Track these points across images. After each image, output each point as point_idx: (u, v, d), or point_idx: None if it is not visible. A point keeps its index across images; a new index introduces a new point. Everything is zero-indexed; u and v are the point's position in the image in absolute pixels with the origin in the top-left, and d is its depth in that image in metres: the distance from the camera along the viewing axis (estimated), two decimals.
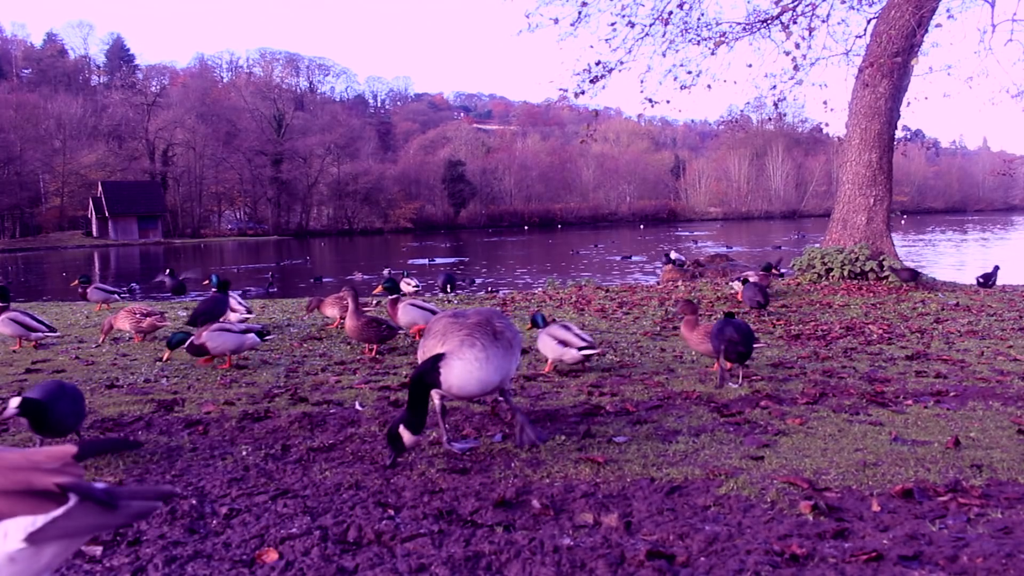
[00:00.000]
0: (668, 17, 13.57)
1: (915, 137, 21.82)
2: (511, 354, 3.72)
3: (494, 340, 3.60)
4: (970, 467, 3.43)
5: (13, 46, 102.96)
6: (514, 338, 3.78)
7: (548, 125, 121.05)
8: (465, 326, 3.64)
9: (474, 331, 3.61)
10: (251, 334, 6.06)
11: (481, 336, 3.59)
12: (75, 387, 3.81)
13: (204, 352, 5.93)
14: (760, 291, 9.32)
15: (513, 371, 3.80)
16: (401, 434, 3.39)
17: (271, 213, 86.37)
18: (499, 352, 3.59)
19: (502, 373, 3.64)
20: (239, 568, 2.55)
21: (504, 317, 3.90)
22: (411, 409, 3.41)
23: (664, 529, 2.80)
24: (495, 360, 3.56)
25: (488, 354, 3.54)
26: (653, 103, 14.18)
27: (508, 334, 3.73)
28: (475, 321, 3.68)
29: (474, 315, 3.77)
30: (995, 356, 6.31)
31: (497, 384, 3.66)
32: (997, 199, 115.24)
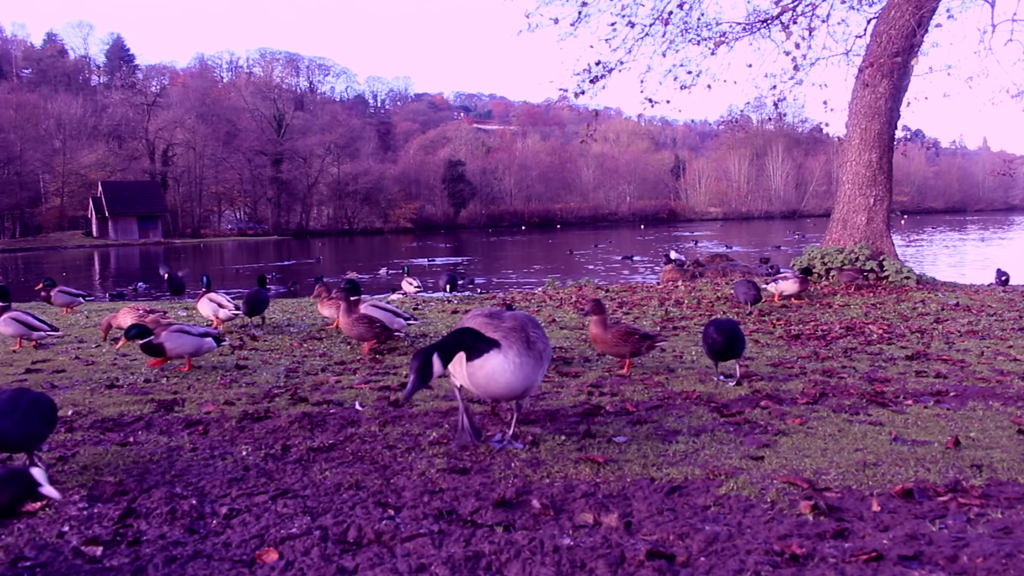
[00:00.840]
0: (668, 17, 13.57)
1: (915, 137, 21.83)
2: (540, 365, 3.62)
3: (527, 348, 3.53)
4: (970, 467, 3.43)
5: (13, 46, 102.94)
6: (545, 350, 3.68)
7: (548, 125, 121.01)
8: (500, 328, 3.57)
9: (508, 335, 3.53)
10: (208, 338, 5.95)
11: (516, 341, 3.51)
12: (37, 399, 3.38)
13: (160, 352, 5.77)
14: (753, 288, 9.50)
15: (539, 383, 3.71)
16: (433, 361, 3.24)
17: (271, 213, 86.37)
18: (530, 361, 3.52)
19: (528, 383, 3.57)
20: (239, 568, 2.55)
21: (539, 326, 3.78)
22: (447, 343, 3.31)
23: (664, 529, 2.80)
24: (526, 369, 3.49)
25: (522, 361, 3.48)
26: (653, 103, 14.18)
27: (540, 345, 3.63)
28: (510, 325, 3.60)
29: (510, 319, 3.68)
30: (995, 356, 6.31)
31: (520, 392, 3.59)
32: (997, 199, 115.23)
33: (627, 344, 5.64)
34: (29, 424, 3.25)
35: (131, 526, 2.89)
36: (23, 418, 3.23)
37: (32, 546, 2.72)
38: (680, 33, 13.85)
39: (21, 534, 2.82)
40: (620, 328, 5.69)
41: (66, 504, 3.12)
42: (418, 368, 3.24)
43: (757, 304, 9.55)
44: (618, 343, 5.64)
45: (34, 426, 3.28)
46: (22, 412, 3.24)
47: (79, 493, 3.23)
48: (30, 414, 3.28)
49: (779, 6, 13.54)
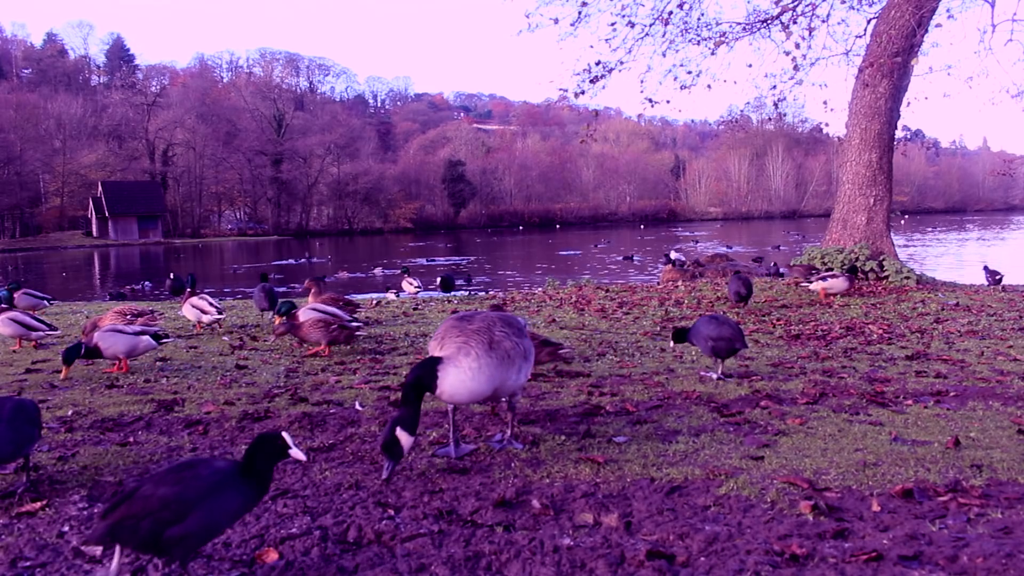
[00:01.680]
0: (668, 17, 13.57)
1: (915, 137, 21.85)
2: (508, 365, 3.55)
3: (489, 350, 3.48)
4: (970, 467, 3.43)
5: (13, 46, 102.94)
6: (514, 348, 3.60)
7: (548, 125, 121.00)
8: (465, 332, 3.55)
9: (471, 338, 3.51)
10: (146, 336, 5.85)
11: (477, 344, 3.48)
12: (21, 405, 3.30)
13: (99, 354, 5.71)
14: (744, 284, 9.59)
15: (515, 381, 3.64)
16: (399, 437, 3.20)
17: (271, 213, 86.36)
18: (492, 362, 3.47)
19: (495, 383, 3.51)
20: (239, 568, 2.55)
21: (511, 324, 3.72)
22: (406, 410, 3.27)
23: (664, 529, 2.80)
24: (488, 370, 3.45)
25: (480, 364, 3.43)
26: (653, 103, 14.19)
27: (508, 343, 3.57)
28: (475, 327, 3.57)
29: (479, 320, 3.65)
30: (995, 356, 6.31)
31: (489, 394, 3.55)
32: (997, 199, 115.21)
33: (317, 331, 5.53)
34: (19, 432, 3.18)
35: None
36: (11, 427, 3.16)
37: (32, 546, 2.72)
38: (680, 33, 13.87)
39: (21, 534, 2.82)
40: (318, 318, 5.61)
41: (66, 504, 3.12)
42: (386, 450, 3.22)
43: (746, 301, 9.66)
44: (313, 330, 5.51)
45: (24, 432, 3.22)
46: (7, 421, 3.16)
47: (79, 493, 3.23)
48: (17, 422, 3.20)
49: (779, 6, 13.54)
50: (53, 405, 4.84)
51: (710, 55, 13.95)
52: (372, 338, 7.80)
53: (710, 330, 5.38)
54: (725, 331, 5.35)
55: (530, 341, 3.83)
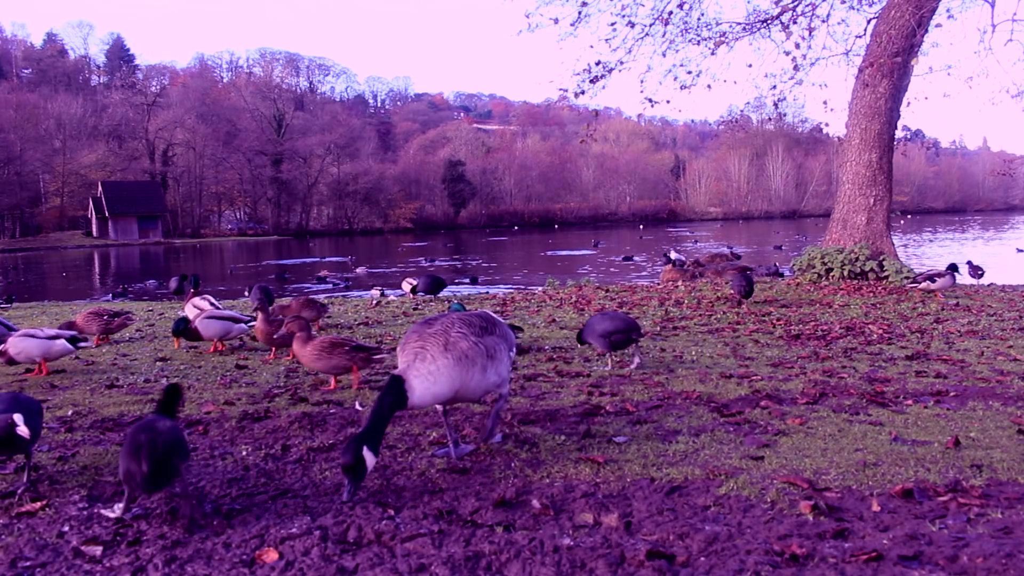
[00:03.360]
0: (668, 17, 13.57)
1: (915, 137, 21.87)
2: (468, 365, 3.48)
3: (444, 351, 3.43)
4: (970, 467, 3.43)
5: (13, 46, 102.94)
6: (472, 348, 3.51)
7: (548, 125, 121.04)
8: (423, 336, 3.51)
9: (427, 341, 3.47)
10: (60, 340, 5.83)
11: (432, 347, 3.44)
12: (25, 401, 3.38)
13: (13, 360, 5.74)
14: (747, 280, 9.87)
15: (481, 381, 3.55)
16: (365, 457, 3.05)
17: (271, 213, 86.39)
18: (449, 363, 3.41)
19: (455, 385, 3.45)
20: (239, 568, 2.55)
21: (470, 324, 3.63)
22: (373, 430, 3.13)
23: (664, 529, 2.80)
24: (446, 372, 3.40)
25: (438, 366, 3.40)
26: (653, 103, 14.19)
27: (464, 344, 3.49)
28: (432, 331, 3.53)
29: (438, 323, 3.60)
30: (995, 356, 6.31)
31: (450, 396, 3.48)
32: (997, 199, 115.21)
33: (332, 357, 5.19)
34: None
35: (131, 526, 2.89)
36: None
37: (32, 546, 2.72)
38: (680, 33, 13.87)
39: (21, 534, 2.82)
40: (324, 340, 5.25)
41: (66, 504, 3.12)
42: (351, 468, 3.03)
43: (750, 297, 9.92)
44: (319, 357, 5.20)
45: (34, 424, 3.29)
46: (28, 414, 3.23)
47: (79, 493, 3.23)
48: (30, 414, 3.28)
49: (779, 6, 13.54)
50: (53, 405, 4.84)
51: (710, 55, 13.96)
52: (372, 338, 7.80)
53: (604, 326, 5.76)
54: (618, 324, 5.74)
55: (497, 339, 3.72)
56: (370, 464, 3.08)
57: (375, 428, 3.15)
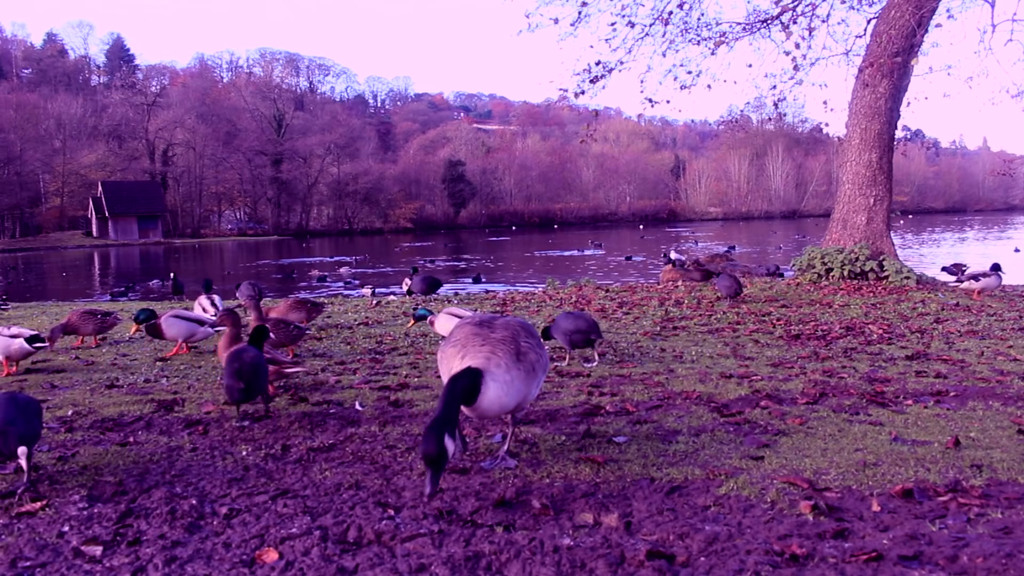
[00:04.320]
0: (668, 17, 13.58)
1: (915, 137, 21.88)
2: (533, 377, 3.37)
3: (517, 361, 3.26)
4: (970, 467, 3.43)
5: (13, 46, 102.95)
6: (538, 360, 3.41)
7: (548, 125, 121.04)
8: (489, 340, 3.31)
9: (497, 348, 3.27)
10: (18, 340, 5.84)
11: (504, 355, 3.25)
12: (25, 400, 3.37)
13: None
14: (735, 281, 10.21)
15: (533, 396, 3.47)
16: (446, 445, 2.81)
17: (271, 213, 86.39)
18: (521, 375, 3.27)
19: (520, 398, 3.31)
20: (239, 568, 2.55)
21: (533, 335, 3.51)
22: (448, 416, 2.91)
23: (664, 529, 2.80)
24: (517, 383, 3.24)
25: (512, 376, 3.22)
26: (653, 103, 14.20)
27: (532, 356, 3.37)
28: (500, 336, 3.34)
29: (501, 328, 3.41)
30: (995, 356, 6.31)
31: (512, 408, 3.37)
32: (997, 199, 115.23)
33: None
34: (29, 424, 3.27)
35: (131, 526, 2.89)
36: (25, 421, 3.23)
37: (32, 546, 2.72)
38: (680, 33, 13.87)
39: (21, 534, 2.82)
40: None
41: (66, 504, 3.12)
42: (434, 458, 2.80)
43: (736, 297, 10.21)
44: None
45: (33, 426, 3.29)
46: (9, 419, 3.19)
47: (79, 493, 3.23)
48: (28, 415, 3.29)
49: (779, 6, 13.55)
50: (53, 405, 4.84)
51: (710, 55, 13.97)
52: (372, 338, 7.80)
53: (567, 324, 5.94)
54: (581, 324, 5.91)
55: (546, 351, 3.62)
56: (451, 452, 2.84)
57: (450, 414, 2.92)
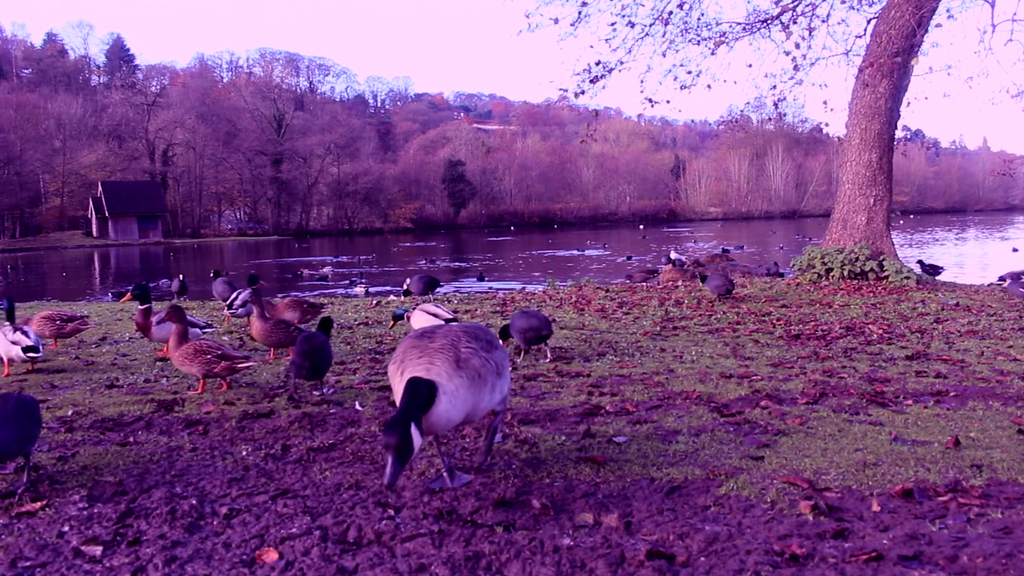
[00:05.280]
0: (668, 17, 13.59)
1: (915, 137, 21.88)
2: (479, 385, 3.13)
3: (457, 369, 3.06)
4: (970, 467, 3.43)
5: (13, 46, 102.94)
6: (484, 364, 3.16)
7: (548, 125, 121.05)
8: (426, 351, 3.12)
9: (435, 357, 3.08)
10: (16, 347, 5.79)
11: (443, 363, 3.05)
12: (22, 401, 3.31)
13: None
14: (725, 280, 10.44)
15: (488, 402, 3.23)
16: (412, 436, 2.72)
17: (271, 213, 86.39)
18: (464, 383, 3.04)
19: (467, 408, 3.09)
20: (239, 568, 2.55)
21: (477, 338, 3.28)
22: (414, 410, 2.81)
23: (664, 529, 2.80)
24: (462, 392, 3.04)
25: (455, 386, 3.02)
26: (653, 103, 14.21)
27: (475, 360, 3.13)
28: (438, 345, 3.14)
29: (440, 337, 3.22)
30: (995, 356, 6.31)
31: (461, 421, 3.13)
32: (997, 199, 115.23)
33: (195, 363, 5.06)
34: (22, 430, 3.21)
35: (131, 526, 2.89)
36: (16, 426, 3.18)
37: (32, 546, 2.72)
38: (680, 33, 13.89)
39: (21, 534, 2.82)
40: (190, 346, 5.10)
41: (66, 504, 3.12)
42: (398, 447, 2.67)
43: (727, 297, 10.41)
44: (184, 361, 5.07)
45: (27, 431, 3.24)
46: (12, 421, 3.17)
47: (79, 493, 3.23)
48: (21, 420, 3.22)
49: (779, 6, 13.55)
50: (53, 405, 4.84)
51: (710, 55, 13.98)
52: (372, 338, 7.80)
53: (521, 323, 6.22)
54: (533, 322, 6.21)
55: (503, 353, 3.42)
56: (417, 444, 2.74)
57: (413, 411, 2.79)
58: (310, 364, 4.88)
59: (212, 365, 5.05)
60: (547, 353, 6.48)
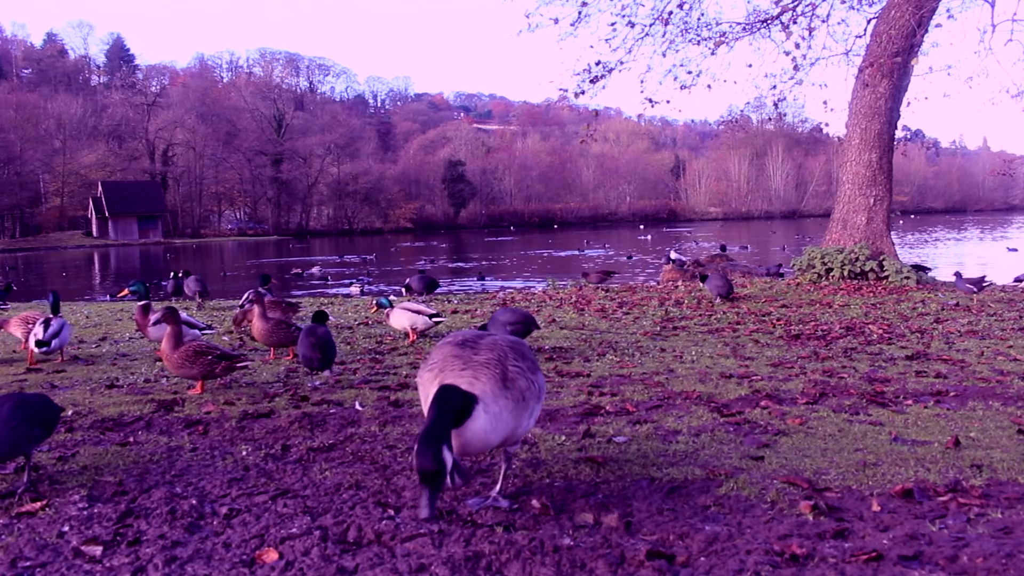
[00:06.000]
0: (668, 17, 13.59)
1: (915, 137, 21.89)
2: (524, 408, 2.85)
3: (504, 388, 2.76)
4: (970, 467, 3.42)
5: (13, 46, 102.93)
6: (529, 388, 2.88)
7: (548, 125, 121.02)
8: (471, 364, 2.81)
9: (480, 372, 2.77)
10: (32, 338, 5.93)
11: (489, 380, 2.75)
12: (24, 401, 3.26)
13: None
14: (725, 281, 10.50)
15: (525, 429, 2.96)
16: (445, 460, 2.44)
17: (271, 213, 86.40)
18: (509, 404, 2.77)
19: (506, 432, 2.80)
20: (239, 568, 2.55)
21: (524, 356, 2.98)
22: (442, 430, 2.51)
23: (664, 529, 2.80)
24: (505, 415, 2.76)
25: (500, 407, 2.74)
26: (653, 103, 14.21)
27: (522, 382, 2.85)
28: (484, 359, 2.84)
29: (486, 349, 2.91)
30: (995, 356, 6.31)
31: (496, 445, 2.86)
32: (997, 199, 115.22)
33: (196, 366, 5.01)
34: (14, 431, 3.16)
35: (131, 526, 2.89)
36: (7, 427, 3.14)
37: (32, 546, 2.72)
38: (680, 33, 13.89)
39: (21, 534, 2.82)
40: (191, 347, 5.05)
41: (66, 504, 3.12)
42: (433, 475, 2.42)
43: (726, 298, 10.41)
44: (184, 364, 5.00)
45: (21, 431, 3.19)
46: (3, 422, 3.13)
47: (79, 493, 3.23)
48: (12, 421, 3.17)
49: (779, 6, 13.55)
50: None
51: (710, 55, 13.98)
52: (372, 338, 7.80)
53: (506, 318, 6.48)
54: (517, 317, 6.45)
55: (542, 376, 3.11)
56: (449, 466, 2.46)
57: (444, 426, 2.52)
58: (320, 355, 5.32)
59: (213, 366, 5.04)
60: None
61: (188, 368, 5.02)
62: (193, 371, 5.03)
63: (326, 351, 5.37)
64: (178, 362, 5.02)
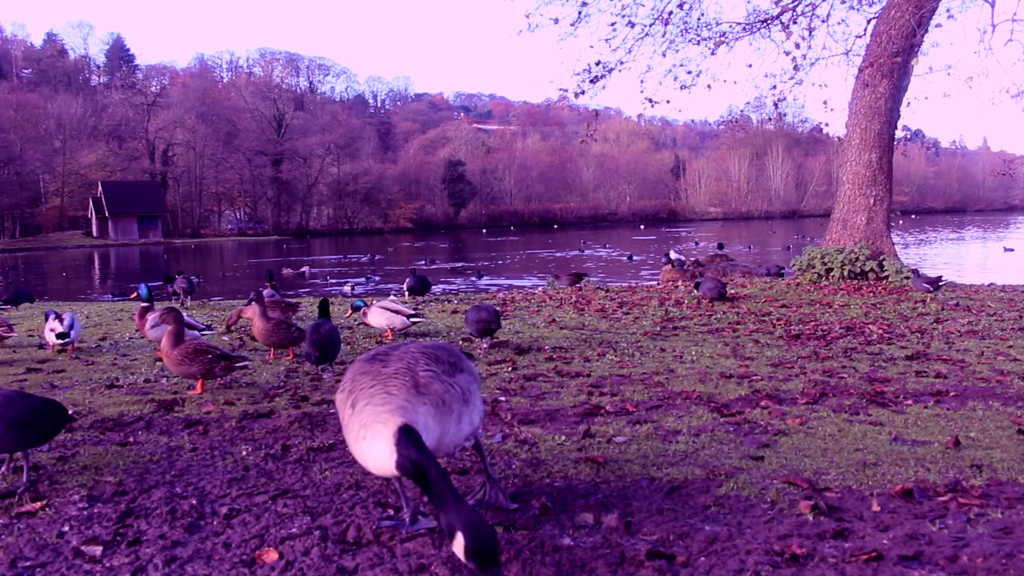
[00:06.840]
0: (668, 17, 13.59)
1: (915, 137, 21.87)
2: (447, 412, 2.66)
3: (418, 396, 2.60)
4: (970, 467, 3.42)
5: (13, 46, 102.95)
6: (448, 390, 2.69)
7: (548, 125, 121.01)
8: (379, 377, 2.65)
9: (390, 384, 2.61)
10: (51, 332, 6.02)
11: (402, 391, 2.59)
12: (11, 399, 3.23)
13: None
14: (718, 283, 10.53)
15: (457, 433, 2.74)
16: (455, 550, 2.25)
17: (271, 213, 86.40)
18: (430, 410, 2.60)
19: (432, 441, 2.57)
20: (239, 568, 2.55)
21: (438, 360, 2.80)
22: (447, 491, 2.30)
23: (664, 529, 2.80)
24: (430, 422, 2.59)
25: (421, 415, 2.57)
26: (653, 103, 14.21)
27: (437, 385, 2.67)
28: (393, 370, 2.68)
29: (396, 359, 2.75)
30: (995, 356, 6.31)
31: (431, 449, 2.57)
32: (997, 199, 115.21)
33: (195, 364, 5.00)
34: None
35: (131, 526, 2.89)
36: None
37: (32, 546, 2.72)
38: (680, 33, 13.89)
39: (21, 534, 2.82)
40: (191, 345, 5.04)
41: (66, 504, 3.12)
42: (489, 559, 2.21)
43: (721, 300, 10.38)
44: (183, 361, 4.99)
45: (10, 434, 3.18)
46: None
47: (79, 493, 3.23)
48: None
49: (779, 6, 13.55)
50: None
51: (710, 55, 13.98)
52: (372, 337, 7.80)
53: (473, 315, 6.83)
54: (483, 315, 6.78)
55: (468, 376, 2.91)
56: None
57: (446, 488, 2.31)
58: (320, 353, 5.55)
59: (212, 365, 5.05)
60: (487, 342, 7.11)
61: (187, 366, 5.03)
62: (192, 369, 5.04)
63: (323, 349, 5.54)
64: (177, 359, 5.03)
